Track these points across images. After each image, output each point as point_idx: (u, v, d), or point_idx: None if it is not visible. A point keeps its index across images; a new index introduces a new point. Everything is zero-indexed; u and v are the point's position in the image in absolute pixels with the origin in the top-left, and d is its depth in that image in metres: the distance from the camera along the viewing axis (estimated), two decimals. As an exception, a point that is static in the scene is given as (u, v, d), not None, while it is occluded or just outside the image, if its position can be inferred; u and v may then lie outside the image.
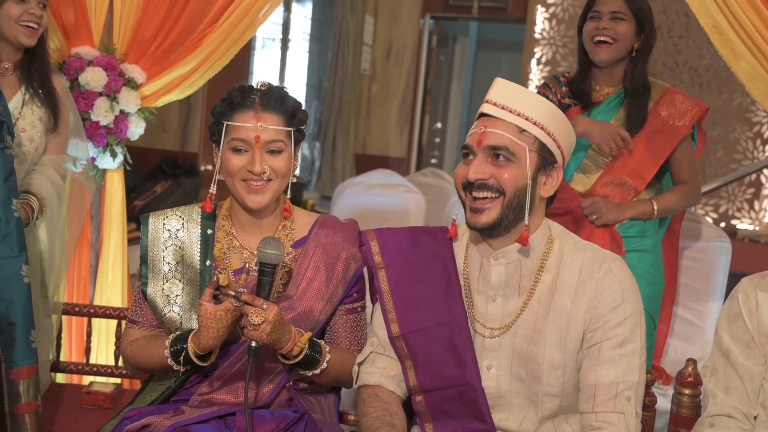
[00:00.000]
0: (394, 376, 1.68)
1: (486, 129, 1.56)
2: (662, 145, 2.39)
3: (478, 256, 1.67)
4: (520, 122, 1.56)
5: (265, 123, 1.69)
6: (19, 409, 1.73)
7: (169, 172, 4.13)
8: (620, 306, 1.55)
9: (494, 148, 1.55)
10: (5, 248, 1.72)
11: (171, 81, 2.67)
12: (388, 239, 1.73)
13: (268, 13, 2.65)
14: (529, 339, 1.59)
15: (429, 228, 1.78)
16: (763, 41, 2.04)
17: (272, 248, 1.59)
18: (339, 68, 6.42)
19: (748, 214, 5.99)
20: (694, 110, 2.40)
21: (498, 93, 1.59)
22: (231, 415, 1.70)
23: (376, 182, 4.16)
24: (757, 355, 1.57)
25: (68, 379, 2.62)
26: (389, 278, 1.70)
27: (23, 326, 1.74)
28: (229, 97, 1.73)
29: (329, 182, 6.47)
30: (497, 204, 1.55)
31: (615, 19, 2.36)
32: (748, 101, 5.71)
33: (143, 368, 1.80)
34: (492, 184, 1.55)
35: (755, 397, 1.56)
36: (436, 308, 1.65)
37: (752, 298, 1.58)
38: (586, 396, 1.55)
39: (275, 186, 1.72)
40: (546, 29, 6.51)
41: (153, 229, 1.81)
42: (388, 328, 1.68)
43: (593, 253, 1.61)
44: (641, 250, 2.44)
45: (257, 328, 1.56)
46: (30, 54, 2.27)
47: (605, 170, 2.43)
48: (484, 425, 1.60)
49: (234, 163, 1.70)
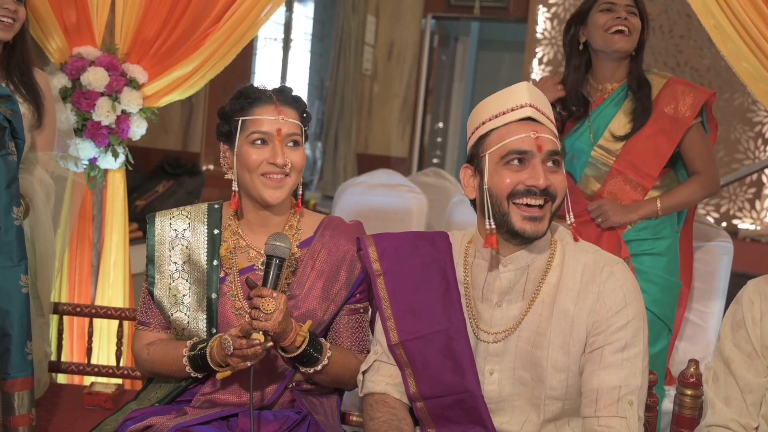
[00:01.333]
0: (399, 384, 1.68)
1: (539, 134, 1.54)
2: (666, 139, 2.37)
3: (484, 263, 1.65)
4: (553, 128, 1.58)
5: (286, 116, 1.71)
6: (12, 421, 1.70)
7: (171, 172, 4.13)
8: (622, 310, 1.54)
9: (552, 153, 1.54)
10: (4, 257, 1.69)
11: (173, 81, 2.66)
12: (387, 245, 1.73)
13: (270, 13, 2.65)
14: (532, 342, 1.58)
15: (427, 233, 1.77)
16: (764, 41, 2.04)
17: (281, 241, 1.60)
18: (341, 68, 6.42)
19: (750, 213, 5.98)
20: (698, 98, 2.36)
21: (535, 98, 1.58)
22: (234, 416, 1.70)
23: (378, 182, 4.17)
24: (759, 366, 1.54)
25: (69, 380, 2.62)
26: (387, 285, 1.69)
27: (19, 337, 1.71)
28: (243, 94, 1.73)
29: (331, 182, 6.47)
30: (547, 210, 1.54)
31: (630, 12, 2.36)
32: (750, 101, 5.70)
33: (158, 373, 1.80)
34: (552, 191, 1.53)
35: (755, 409, 1.54)
36: (434, 315, 1.64)
37: (756, 307, 1.55)
38: (589, 400, 1.54)
39: (292, 181, 1.73)
40: (547, 29, 6.51)
41: (159, 229, 1.81)
42: (387, 336, 1.67)
43: (595, 256, 1.61)
44: (655, 253, 2.40)
45: (270, 316, 1.55)
46: (9, 49, 2.24)
47: (610, 171, 2.41)
48: (485, 430, 1.60)
49: (254, 157, 1.70)
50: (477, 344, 1.62)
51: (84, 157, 2.61)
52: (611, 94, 2.44)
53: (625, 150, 2.39)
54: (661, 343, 2.40)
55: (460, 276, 1.67)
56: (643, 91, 2.39)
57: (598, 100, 2.46)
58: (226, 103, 1.76)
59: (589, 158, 2.45)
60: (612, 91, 2.44)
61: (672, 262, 2.44)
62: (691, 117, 2.35)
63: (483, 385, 1.60)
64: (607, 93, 2.45)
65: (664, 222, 2.42)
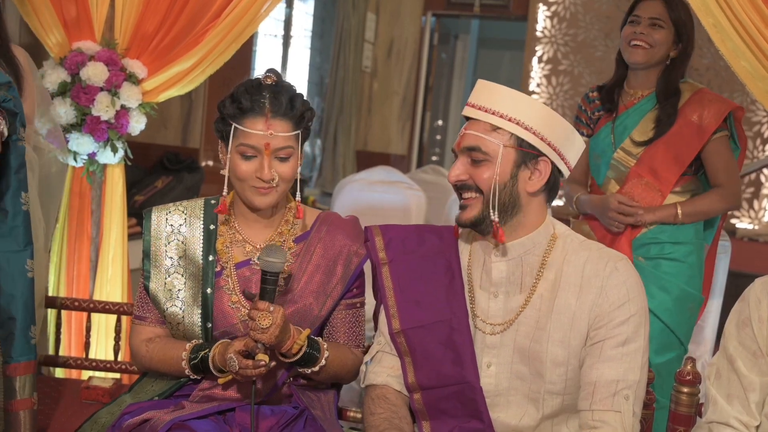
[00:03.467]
0: (400, 375, 1.69)
1: (465, 131, 1.61)
2: (687, 146, 2.36)
3: (482, 253, 1.67)
4: (493, 120, 1.57)
5: (276, 130, 1.67)
6: (14, 405, 1.70)
7: (170, 168, 4.13)
8: (625, 304, 1.55)
9: (469, 149, 1.58)
10: (11, 242, 1.70)
11: (172, 76, 2.66)
12: (394, 235, 1.76)
13: (269, 9, 2.65)
14: (531, 336, 1.59)
15: (435, 227, 1.80)
16: (763, 40, 2.04)
17: (275, 257, 1.59)
18: (340, 65, 6.42)
19: (748, 213, 5.99)
20: (722, 108, 2.35)
21: (476, 94, 1.62)
22: (231, 411, 1.70)
23: (377, 179, 4.18)
24: (763, 365, 1.53)
25: (67, 374, 2.62)
26: (392, 274, 1.71)
27: (23, 321, 1.72)
28: (238, 99, 1.69)
29: (330, 179, 6.47)
30: (478, 202, 1.59)
31: (653, 25, 2.36)
32: (749, 101, 5.71)
33: (155, 369, 1.80)
34: (471, 184, 1.59)
35: (757, 408, 1.53)
36: (437, 305, 1.66)
37: (764, 305, 1.54)
38: (585, 393, 1.55)
39: (281, 189, 1.73)
40: (548, 27, 6.51)
41: (156, 224, 1.81)
42: (389, 323, 1.68)
43: (598, 252, 1.61)
44: (673, 258, 2.37)
45: (266, 331, 1.56)
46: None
47: (630, 173, 2.42)
48: (481, 424, 1.60)
49: (243, 169, 1.69)
50: (475, 333, 1.63)
51: (83, 151, 2.62)
52: (641, 101, 2.45)
53: (645, 154, 2.40)
54: (668, 354, 2.35)
55: (464, 264, 1.70)
56: (670, 100, 2.38)
57: (629, 104, 2.48)
58: (226, 98, 1.74)
59: (611, 159, 2.46)
60: (642, 97, 2.45)
61: (692, 270, 2.40)
62: (714, 125, 2.34)
63: (481, 377, 1.60)
64: (637, 99, 2.46)
65: (687, 228, 2.39)
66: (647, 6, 2.39)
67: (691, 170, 2.42)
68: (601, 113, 2.56)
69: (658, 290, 2.33)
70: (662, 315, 2.32)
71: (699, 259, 2.43)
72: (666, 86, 2.39)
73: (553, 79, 6.51)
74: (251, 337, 1.57)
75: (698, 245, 2.43)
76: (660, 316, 2.32)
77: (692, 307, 2.40)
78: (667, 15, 2.36)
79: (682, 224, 2.37)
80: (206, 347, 1.70)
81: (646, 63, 2.40)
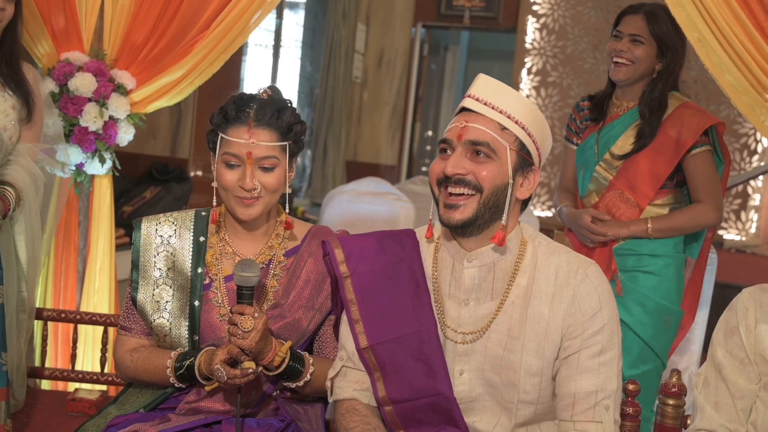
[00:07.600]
0: (366, 389, 1.65)
1: (467, 123, 1.53)
2: (665, 160, 2.36)
3: (450, 259, 1.63)
4: (502, 119, 1.54)
5: (258, 139, 1.68)
6: None
7: (159, 178, 4.13)
8: (597, 314, 1.54)
9: (475, 143, 1.52)
10: None
11: (161, 87, 2.66)
12: (352, 247, 1.67)
13: (259, 20, 2.65)
14: (504, 345, 1.56)
15: (395, 232, 1.72)
16: (748, 55, 2.06)
17: (249, 271, 1.59)
18: (330, 76, 6.43)
19: (735, 224, 6.03)
20: (702, 123, 2.34)
21: (481, 88, 1.57)
22: (217, 424, 1.69)
23: (366, 190, 4.18)
24: (751, 373, 1.54)
25: (53, 386, 2.60)
26: (355, 287, 1.64)
27: None
28: (225, 109, 1.71)
29: (320, 189, 6.48)
30: (473, 201, 1.52)
31: (634, 41, 2.38)
32: (735, 113, 5.76)
33: (140, 380, 1.79)
34: (470, 180, 1.52)
35: (745, 415, 1.54)
36: (404, 317, 1.61)
37: (751, 315, 1.55)
38: (565, 404, 1.54)
39: (265, 201, 1.72)
40: (537, 39, 6.55)
41: (145, 235, 1.81)
42: (355, 339, 1.63)
43: (567, 257, 1.59)
44: (648, 271, 2.37)
45: (247, 335, 1.56)
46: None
47: (609, 186, 2.44)
48: (457, 430, 1.58)
49: (227, 178, 1.70)
50: (445, 343, 1.60)
51: (71, 162, 2.61)
52: (626, 113, 2.46)
53: (623, 167, 2.41)
54: (644, 367, 2.35)
55: (428, 271, 1.65)
56: (654, 114, 2.39)
57: (615, 116, 2.49)
58: (217, 110, 1.75)
59: (593, 172, 2.47)
60: (627, 109, 2.47)
61: (669, 284, 2.39)
62: (691, 141, 2.33)
63: (454, 386, 1.58)
64: (623, 111, 2.47)
65: (666, 241, 2.38)
66: (629, 21, 2.40)
67: (671, 183, 2.42)
68: (588, 123, 2.57)
69: (635, 305, 2.34)
70: (638, 329, 2.33)
71: (678, 272, 2.42)
72: (650, 102, 2.39)
73: (542, 90, 6.55)
74: (233, 343, 1.57)
75: (677, 258, 2.42)
76: (636, 330, 2.33)
77: (668, 319, 2.39)
78: (647, 31, 2.37)
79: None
80: (191, 356, 1.70)
81: (627, 80, 2.41)
